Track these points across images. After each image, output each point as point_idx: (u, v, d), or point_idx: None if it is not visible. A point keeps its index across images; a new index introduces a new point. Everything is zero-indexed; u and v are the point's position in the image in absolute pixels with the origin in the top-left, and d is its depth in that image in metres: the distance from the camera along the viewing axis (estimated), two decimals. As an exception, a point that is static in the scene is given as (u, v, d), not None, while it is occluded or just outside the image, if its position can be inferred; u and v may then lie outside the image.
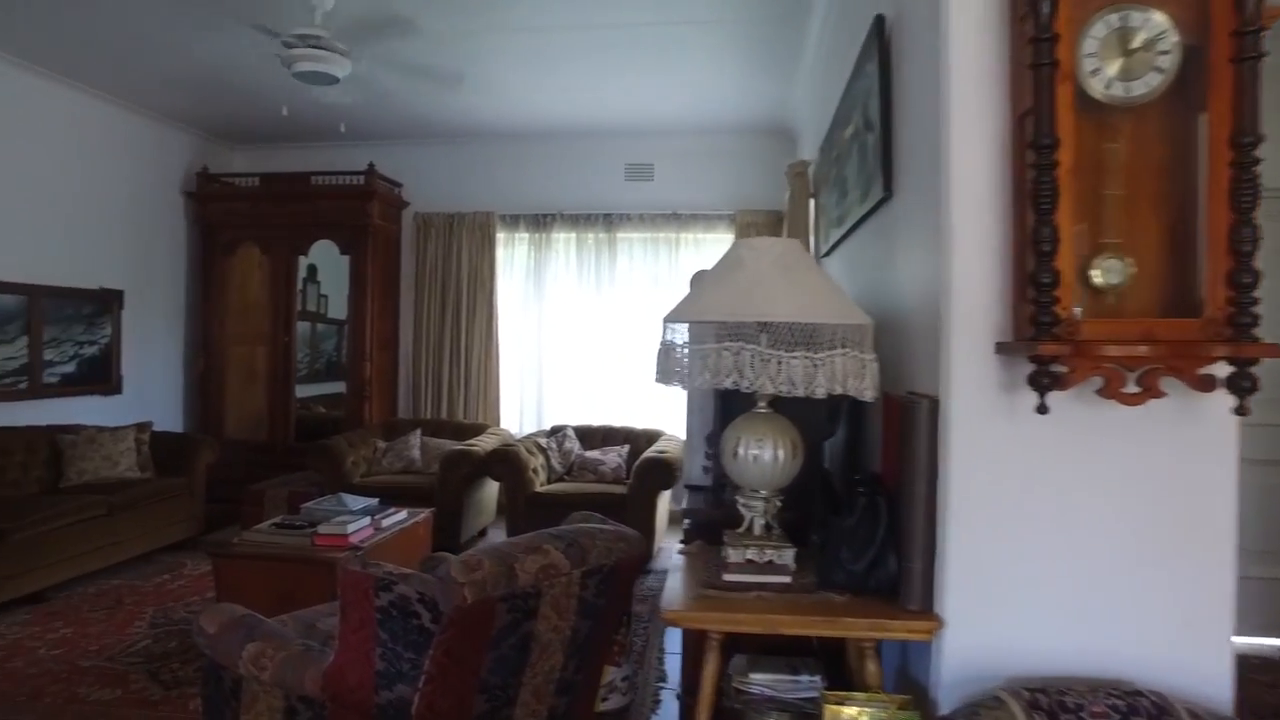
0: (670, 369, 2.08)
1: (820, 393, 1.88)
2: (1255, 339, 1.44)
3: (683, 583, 2.00)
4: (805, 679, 2.00)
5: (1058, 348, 1.48)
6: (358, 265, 6.35)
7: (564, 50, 4.79)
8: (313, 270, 6.74)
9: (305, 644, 2.23)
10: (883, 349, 1.95)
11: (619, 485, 5.26)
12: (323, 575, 3.37)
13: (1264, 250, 1.47)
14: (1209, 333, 1.46)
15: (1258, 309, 1.44)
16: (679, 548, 2.41)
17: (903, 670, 2.10)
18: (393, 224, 6.71)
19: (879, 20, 2.47)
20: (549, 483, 5.32)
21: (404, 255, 6.85)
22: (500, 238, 6.64)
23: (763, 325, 1.95)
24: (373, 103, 5.59)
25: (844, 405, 2.54)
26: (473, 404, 6.57)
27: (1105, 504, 1.67)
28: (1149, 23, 1.49)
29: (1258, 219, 1.43)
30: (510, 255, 6.74)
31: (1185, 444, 1.66)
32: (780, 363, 1.90)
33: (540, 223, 6.61)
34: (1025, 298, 1.58)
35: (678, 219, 6.45)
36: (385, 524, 3.93)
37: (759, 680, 2.02)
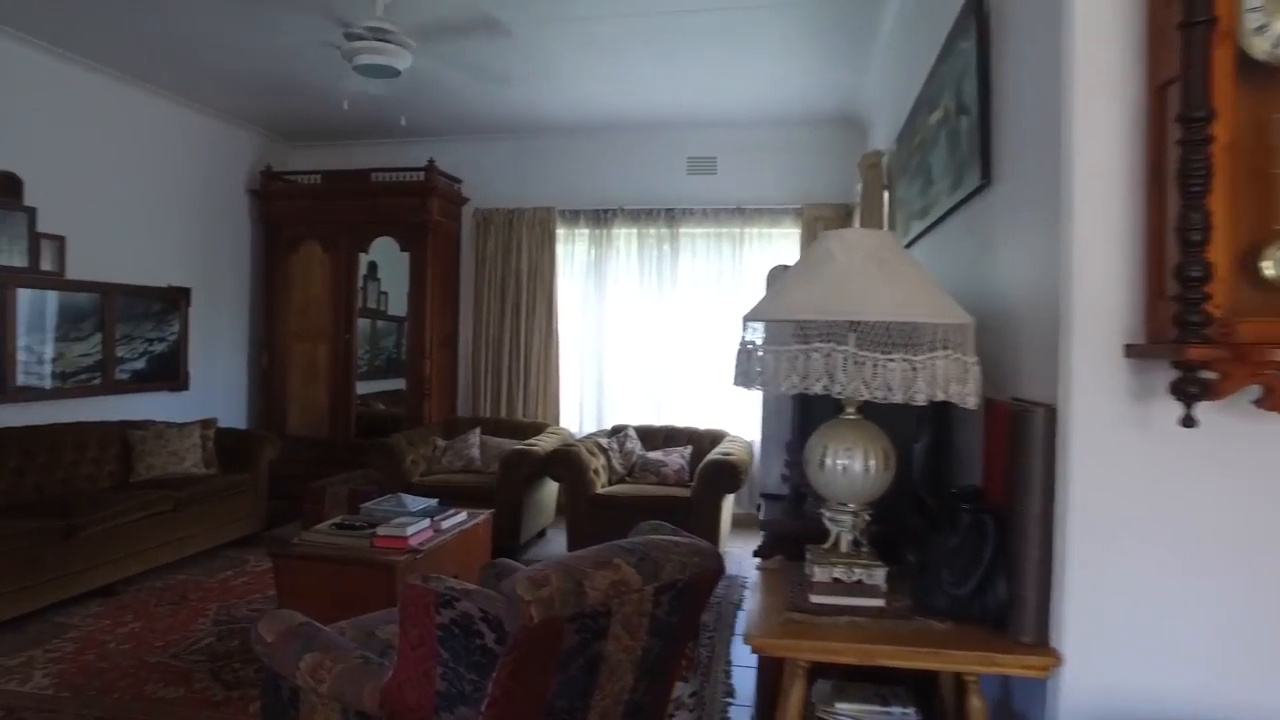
0: (751, 372, 1.93)
1: (920, 399, 1.71)
2: None
3: (765, 604, 1.85)
4: (897, 711, 1.83)
5: (1210, 352, 1.28)
6: (417, 262, 6.32)
7: (624, 39, 4.66)
8: (373, 267, 6.76)
9: (364, 656, 2.14)
10: (980, 351, 1.77)
11: (682, 488, 5.11)
12: (382, 578, 3.31)
13: None
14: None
15: None
16: (756, 562, 2.26)
17: (1004, 705, 1.91)
18: (452, 220, 6.67)
19: (976, -7, 2.27)
20: (610, 484, 5.20)
21: (463, 252, 6.81)
22: (560, 233, 6.55)
23: (852, 325, 1.79)
24: (432, 97, 5.55)
25: (928, 411, 2.36)
26: (532, 402, 6.50)
27: (1258, 534, 1.46)
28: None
29: None
30: (570, 251, 6.64)
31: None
32: (876, 366, 1.73)
33: (601, 218, 6.49)
34: (1164, 294, 1.39)
35: (742, 214, 6.27)
36: (445, 526, 3.85)
37: (846, 710, 1.85)
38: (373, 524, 3.68)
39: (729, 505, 5.05)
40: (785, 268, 2.82)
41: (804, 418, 2.70)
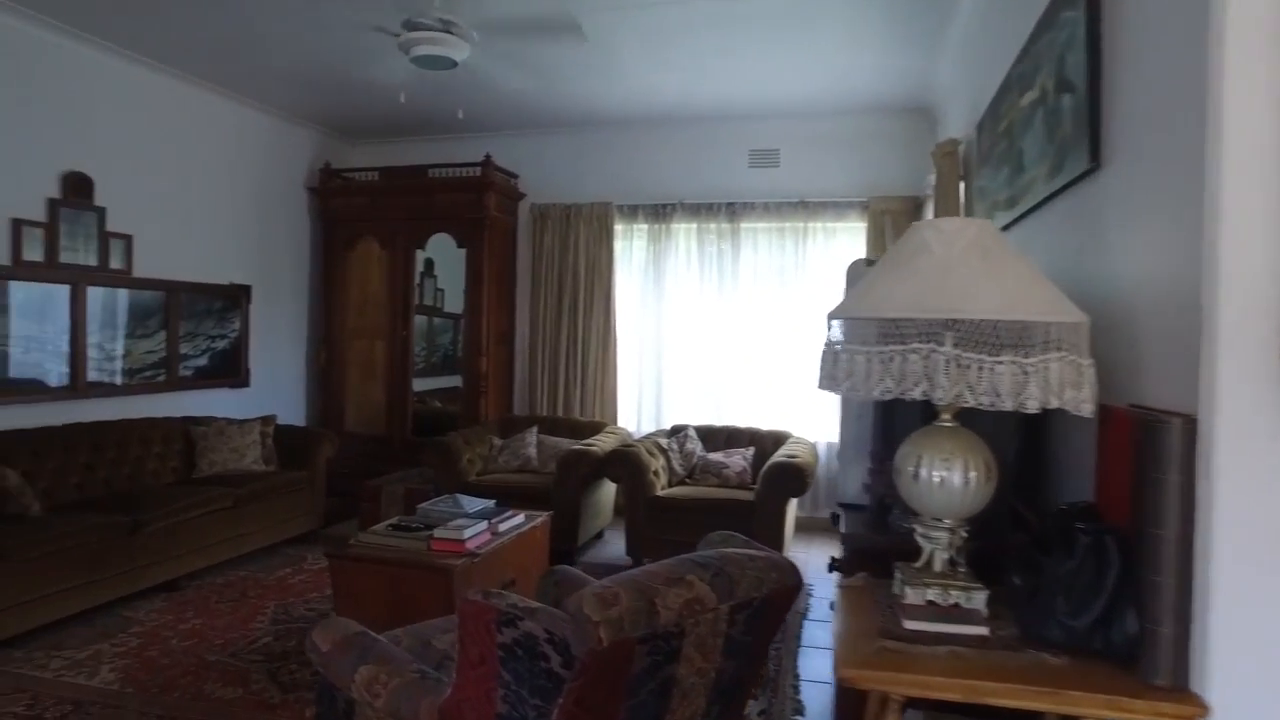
0: (838, 374, 1.77)
1: (1032, 405, 1.53)
2: None
3: (853, 628, 1.69)
4: (999, 750, 1.66)
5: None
6: (474, 258, 6.26)
7: (687, 26, 4.49)
8: (429, 264, 6.73)
9: (420, 670, 2.04)
10: (1092, 353, 1.58)
11: (744, 490, 4.94)
12: (438, 582, 3.23)
13: None
14: None
15: None
16: (837, 578, 2.10)
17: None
18: (509, 216, 6.60)
19: (1084, -43, 2.06)
20: (670, 486, 5.06)
21: (520, 248, 6.73)
22: (618, 229, 6.41)
23: (948, 323, 1.62)
24: (489, 91, 5.47)
25: (1019, 418, 2.17)
26: (589, 401, 6.39)
27: None
28: None
29: None
30: (628, 247, 6.50)
31: None
32: (982, 369, 1.55)
33: (660, 213, 6.34)
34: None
35: (805, 207, 6.06)
36: (502, 528, 3.76)
37: (942, 748, 1.69)
38: (429, 525, 3.60)
39: (792, 509, 4.87)
40: (869, 262, 2.64)
41: (886, 423, 2.52)
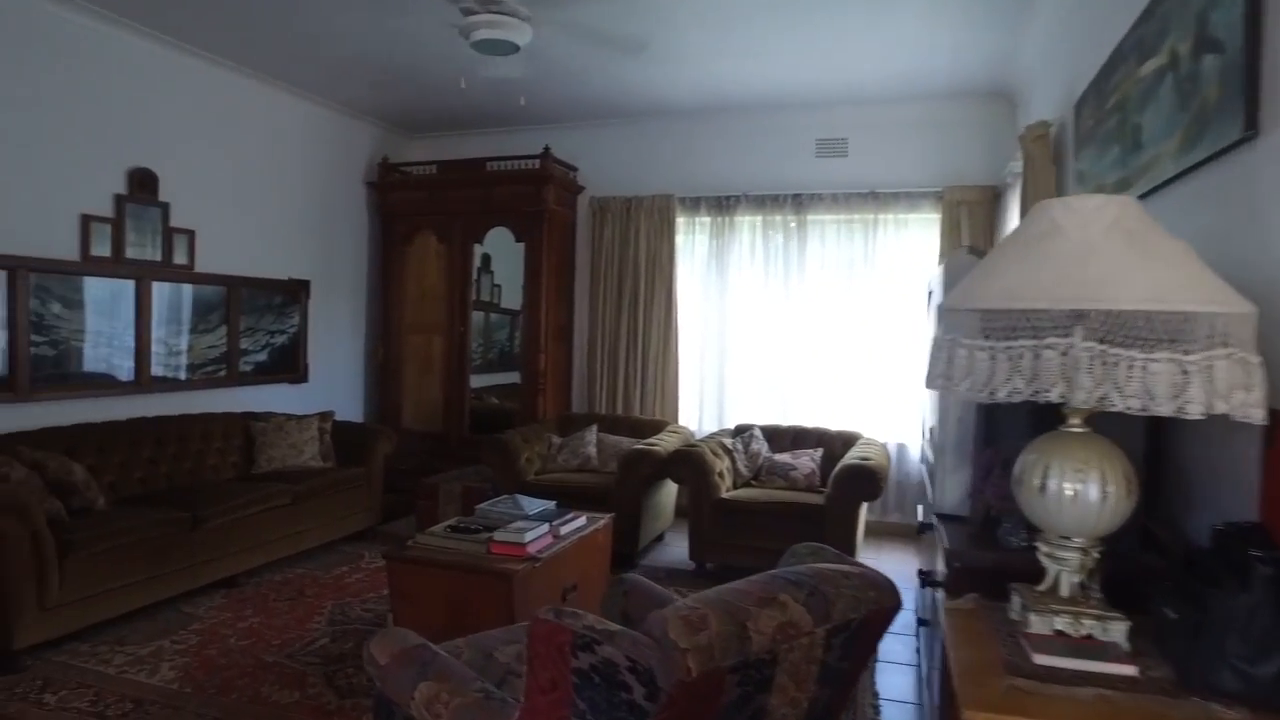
0: (953, 373, 1.56)
1: (1194, 410, 1.31)
2: None
3: (972, 661, 1.48)
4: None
5: None
6: (533, 252, 6.14)
7: (754, 6, 4.28)
8: (486, 259, 6.64)
9: (484, 689, 1.89)
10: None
11: (813, 494, 4.73)
12: (498, 587, 3.10)
13: None
14: None
15: None
16: (940, 598, 1.89)
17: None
18: (568, 209, 6.46)
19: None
20: (735, 488, 4.86)
21: (579, 242, 6.59)
22: (680, 222, 6.22)
23: (1077, 315, 1.40)
24: (548, 80, 5.33)
25: (1145, 421, 1.93)
26: (649, 399, 6.22)
27: None
28: None
29: None
30: (690, 240, 6.31)
31: None
32: (1133, 367, 1.34)
33: (723, 205, 6.14)
34: None
35: (876, 198, 5.79)
36: (564, 531, 3.61)
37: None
38: (488, 527, 3.48)
39: (862, 513, 4.63)
40: (974, 252, 2.41)
41: (988, 425, 2.30)
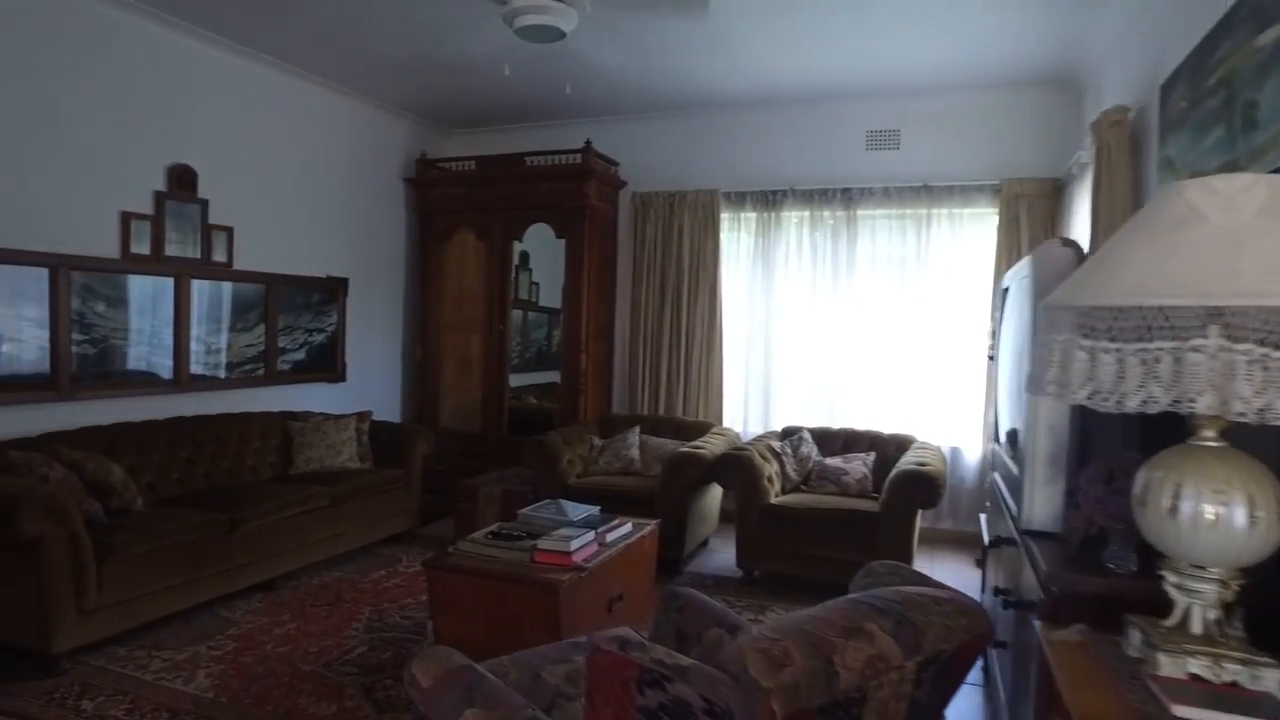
0: (1069, 379, 1.37)
1: (1378, 422, 1.11)
2: None
3: (1091, 707, 1.29)
4: None
5: None
6: (574, 248, 5.99)
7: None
8: (525, 257, 6.51)
9: (534, 718, 1.73)
10: None
11: (866, 500, 4.52)
12: (544, 599, 2.95)
13: None
14: None
15: None
16: (1042, 629, 1.69)
17: None
18: (609, 205, 6.30)
19: None
20: (784, 493, 4.67)
21: (621, 238, 6.43)
22: (724, 218, 6.03)
23: (1213, 312, 1.21)
24: (591, 72, 5.18)
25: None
26: (693, 400, 6.04)
27: None
28: None
29: None
30: (735, 237, 6.11)
31: None
32: (1302, 371, 1.14)
33: (769, 200, 5.93)
34: None
35: (929, 192, 5.55)
36: (610, 538, 3.46)
37: None
38: (532, 534, 3.34)
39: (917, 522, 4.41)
40: (1068, 245, 2.20)
41: (1083, 434, 2.09)
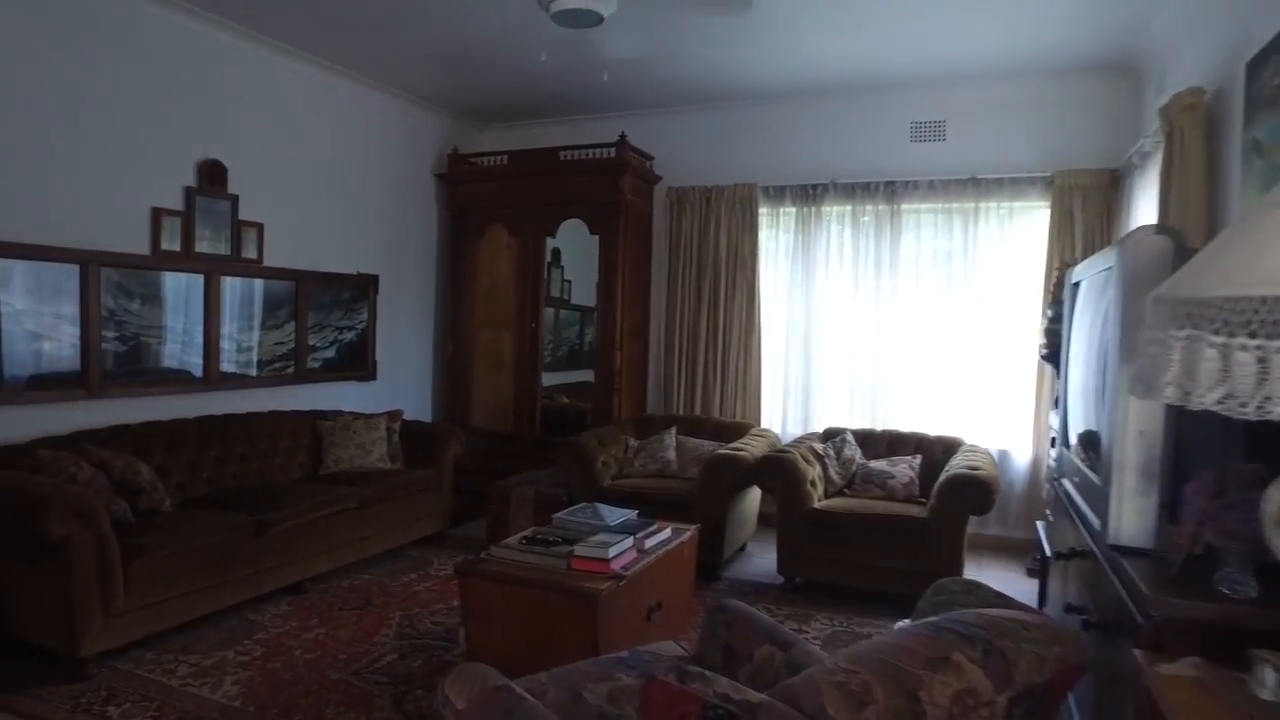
0: (1193, 382, 1.19)
1: None
2: None
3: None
4: None
5: None
6: (608, 245, 5.85)
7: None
8: (556, 254, 6.39)
9: (579, 747, 1.59)
10: None
11: (913, 505, 4.32)
12: (581, 609, 2.81)
13: None
14: None
15: None
16: (1143, 658, 1.51)
17: None
18: (644, 200, 6.15)
19: None
20: (827, 497, 4.49)
21: (656, 234, 6.28)
22: (763, 213, 5.85)
23: None
24: (628, 62, 5.03)
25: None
26: (729, 400, 5.87)
27: None
28: None
29: None
30: (774, 232, 5.93)
31: None
32: None
33: (809, 194, 5.74)
34: None
35: (976, 185, 5.33)
36: (649, 544, 3.31)
37: None
38: (568, 539, 3.20)
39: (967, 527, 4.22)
40: (1163, 231, 2.01)
41: (1178, 439, 1.91)
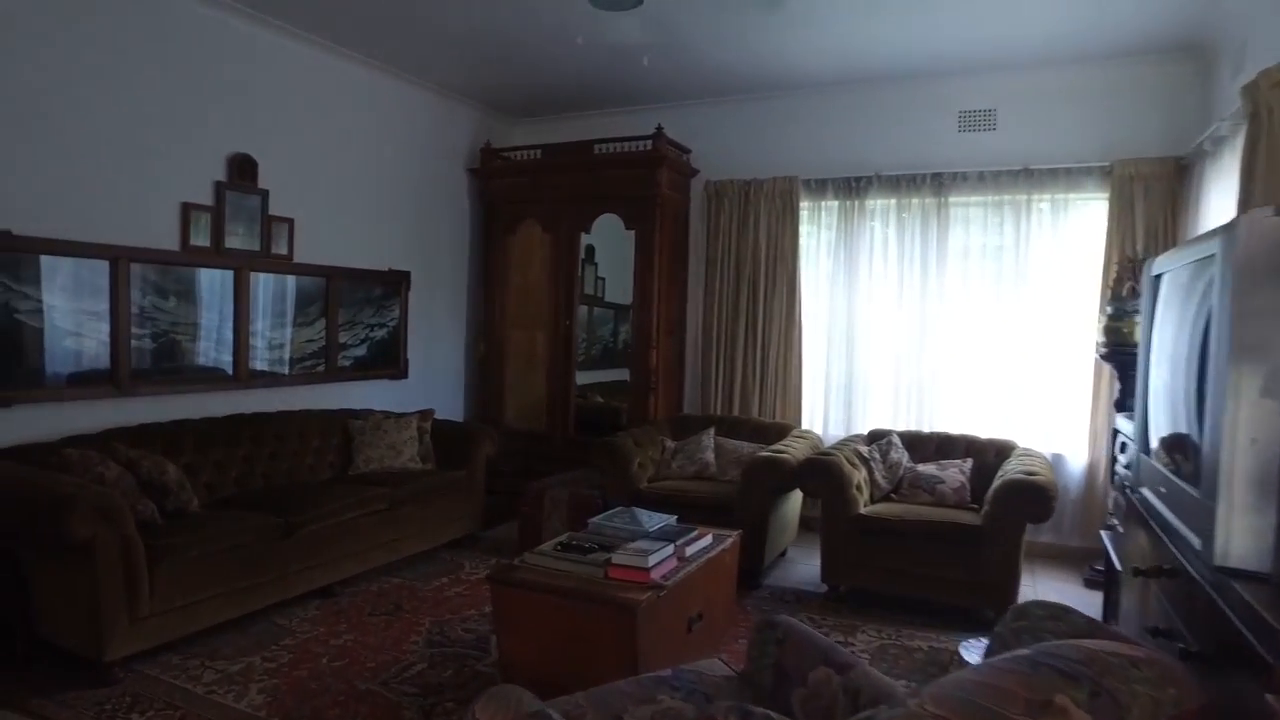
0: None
1: None
2: None
3: None
4: None
5: None
6: (644, 240, 5.68)
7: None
8: (590, 251, 6.24)
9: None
10: None
11: (965, 511, 4.11)
12: (620, 620, 2.65)
13: None
14: None
15: None
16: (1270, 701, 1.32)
17: None
18: (681, 195, 5.98)
19: None
20: (873, 501, 4.29)
21: (693, 230, 6.11)
22: (804, 206, 5.65)
23: None
24: (665, 51, 4.87)
25: None
26: (769, 400, 5.68)
27: None
28: None
29: None
30: (815, 227, 5.73)
31: None
32: None
33: (852, 188, 5.53)
34: None
35: (1028, 176, 5.08)
36: (689, 552, 3.14)
37: None
38: (604, 545, 3.05)
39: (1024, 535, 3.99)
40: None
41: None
